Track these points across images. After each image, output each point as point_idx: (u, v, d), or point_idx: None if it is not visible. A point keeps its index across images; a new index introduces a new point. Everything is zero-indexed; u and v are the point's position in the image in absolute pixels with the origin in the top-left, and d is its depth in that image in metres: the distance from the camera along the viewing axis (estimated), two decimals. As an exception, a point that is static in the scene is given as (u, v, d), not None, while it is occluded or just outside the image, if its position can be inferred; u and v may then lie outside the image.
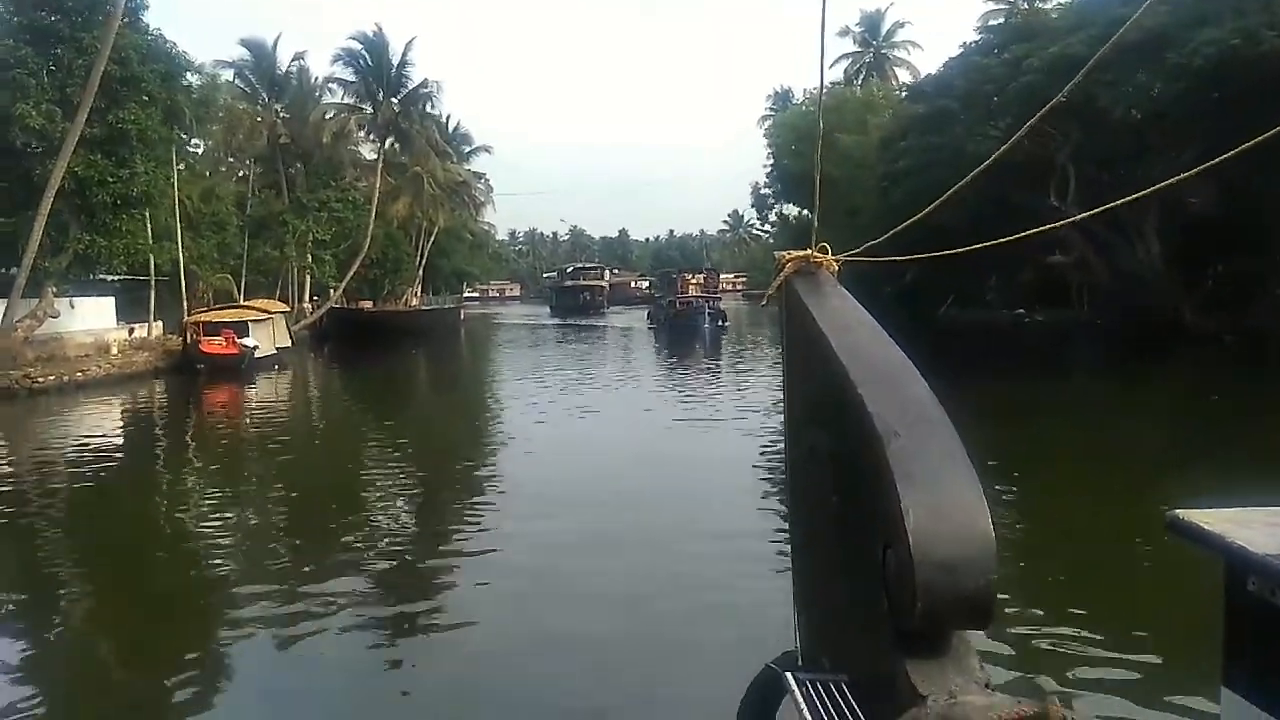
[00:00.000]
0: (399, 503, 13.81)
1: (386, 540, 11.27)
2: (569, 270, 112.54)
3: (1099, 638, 7.41)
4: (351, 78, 52.30)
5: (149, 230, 35.19)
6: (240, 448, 20.82)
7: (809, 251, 3.12)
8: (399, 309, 64.46)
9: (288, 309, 42.16)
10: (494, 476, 15.65)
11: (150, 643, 8.26)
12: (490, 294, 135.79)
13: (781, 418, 3.74)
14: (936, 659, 2.09)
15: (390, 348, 45.71)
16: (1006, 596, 7.44)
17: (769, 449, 15.51)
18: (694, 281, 63.02)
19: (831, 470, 2.72)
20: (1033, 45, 33.86)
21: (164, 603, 9.35)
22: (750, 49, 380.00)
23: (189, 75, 38.27)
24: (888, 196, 38.38)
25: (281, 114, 53.03)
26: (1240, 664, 2.49)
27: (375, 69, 51.70)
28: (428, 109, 53.86)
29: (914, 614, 2.01)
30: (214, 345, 33.36)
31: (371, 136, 54.68)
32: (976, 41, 37.65)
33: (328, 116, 51.07)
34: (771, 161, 60.67)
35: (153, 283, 37.10)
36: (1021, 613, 7.77)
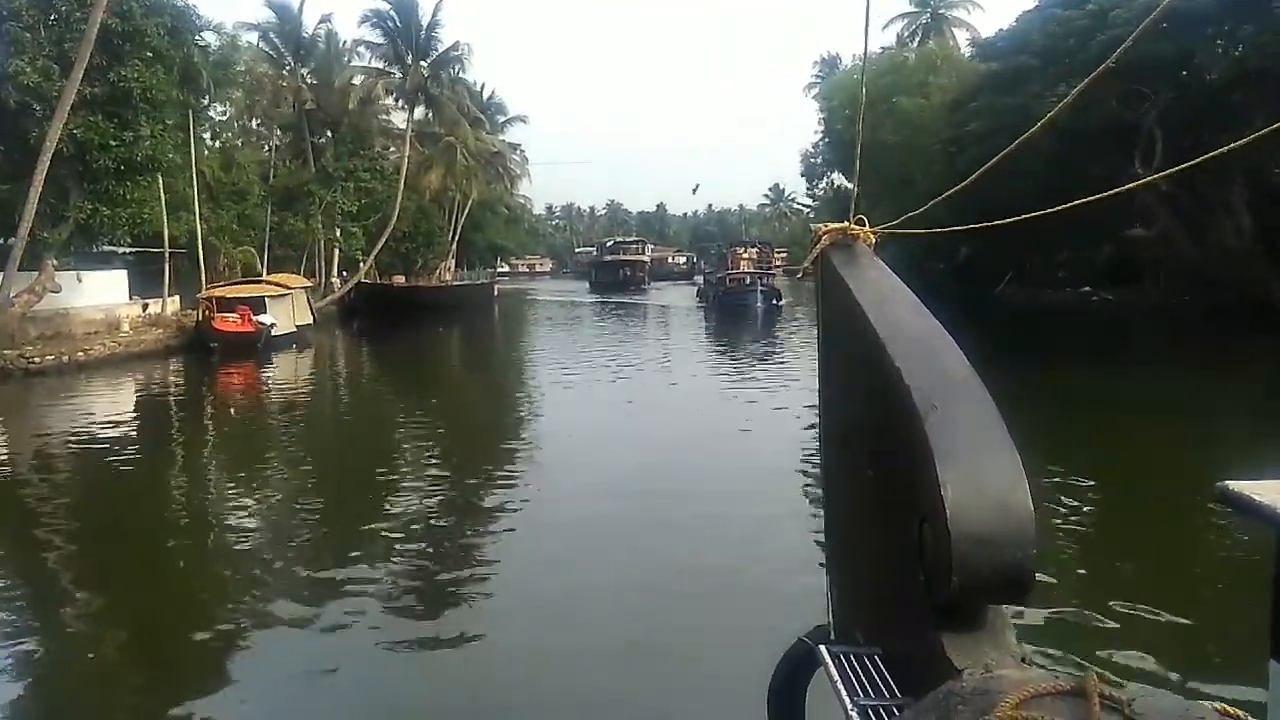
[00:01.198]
0: (419, 498, 12.34)
1: (408, 536, 10.49)
2: (608, 244, 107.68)
3: (1146, 612, 7.37)
4: (380, 40, 49.73)
5: (163, 199, 33.00)
6: (251, 434, 19.10)
7: (846, 224, 3.01)
8: (430, 284, 62.17)
9: (310, 284, 39.86)
10: (525, 474, 13.85)
11: (164, 634, 7.96)
12: (520, 270, 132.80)
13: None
14: (972, 633, 2.03)
15: (421, 325, 43.64)
16: (1049, 577, 7.37)
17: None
18: (746, 257, 58.27)
19: (867, 444, 2.69)
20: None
21: (172, 599, 8.96)
22: (794, 15, 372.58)
23: (205, 35, 35.94)
24: (954, 163, 35.26)
25: (308, 79, 50.61)
26: None
27: (404, 31, 49.02)
28: (459, 73, 51.14)
29: (950, 588, 1.94)
30: (228, 323, 31.14)
31: (400, 103, 52.08)
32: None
33: (354, 81, 48.56)
34: (823, 127, 57.37)
35: (167, 255, 34.90)
36: (1065, 587, 7.80)
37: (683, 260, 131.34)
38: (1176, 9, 28.72)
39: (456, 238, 69.67)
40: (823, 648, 2.47)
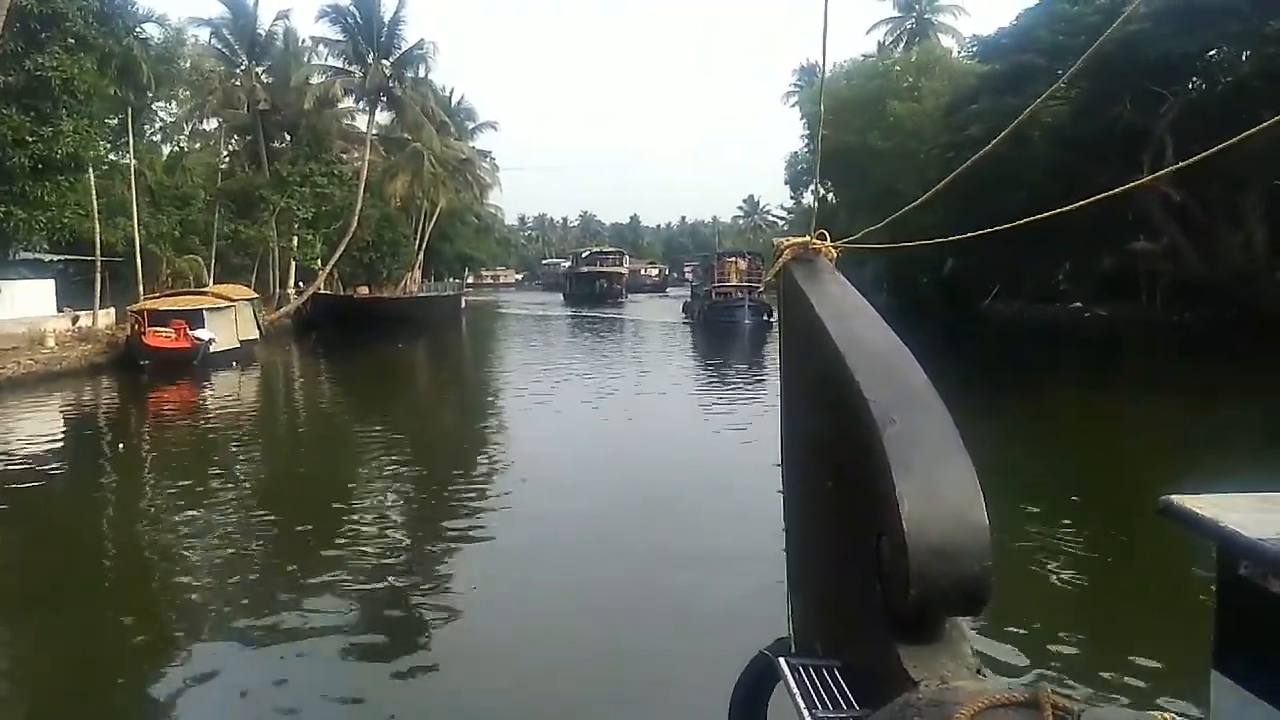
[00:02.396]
0: (366, 532, 11.17)
1: (354, 575, 9.53)
2: (584, 255, 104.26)
3: (1094, 623, 7.81)
4: (339, 36, 46.85)
5: (94, 202, 30.12)
6: (176, 463, 16.81)
7: (807, 238, 3.08)
8: (393, 296, 59.32)
9: (255, 295, 36.88)
10: (489, 514, 12.18)
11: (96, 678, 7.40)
12: (490, 281, 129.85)
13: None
14: (929, 645, 2.06)
15: (383, 339, 40.90)
16: (1004, 586, 5.20)
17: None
18: (735, 268, 52.78)
19: (827, 457, 2.71)
20: (1135, -11, 28.55)
21: (100, 640, 8.19)
22: (771, 23, 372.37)
23: (146, 27, 33.16)
24: (951, 169, 33.04)
25: (264, 78, 47.79)
26: (1231, 648, 2.57)
27: (365, 27, 46.20)
28: (423, 73, 48.27)
29: (907, 600, 1.97)
30: (160, 338, 28.22)
31: (362, 105, 49.20)
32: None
33: (312, 80, 45.67)
34: (806, 135, 55.04)
35: (98, 264, 31.93)
36: (1018, 599, 7.77)
37: (655, 272, 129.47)
38: (1199, 5, 26.63)
39: (423, 247, 66.82)
40: (782, 660, 2.48)
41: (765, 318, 43.82)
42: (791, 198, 68.79)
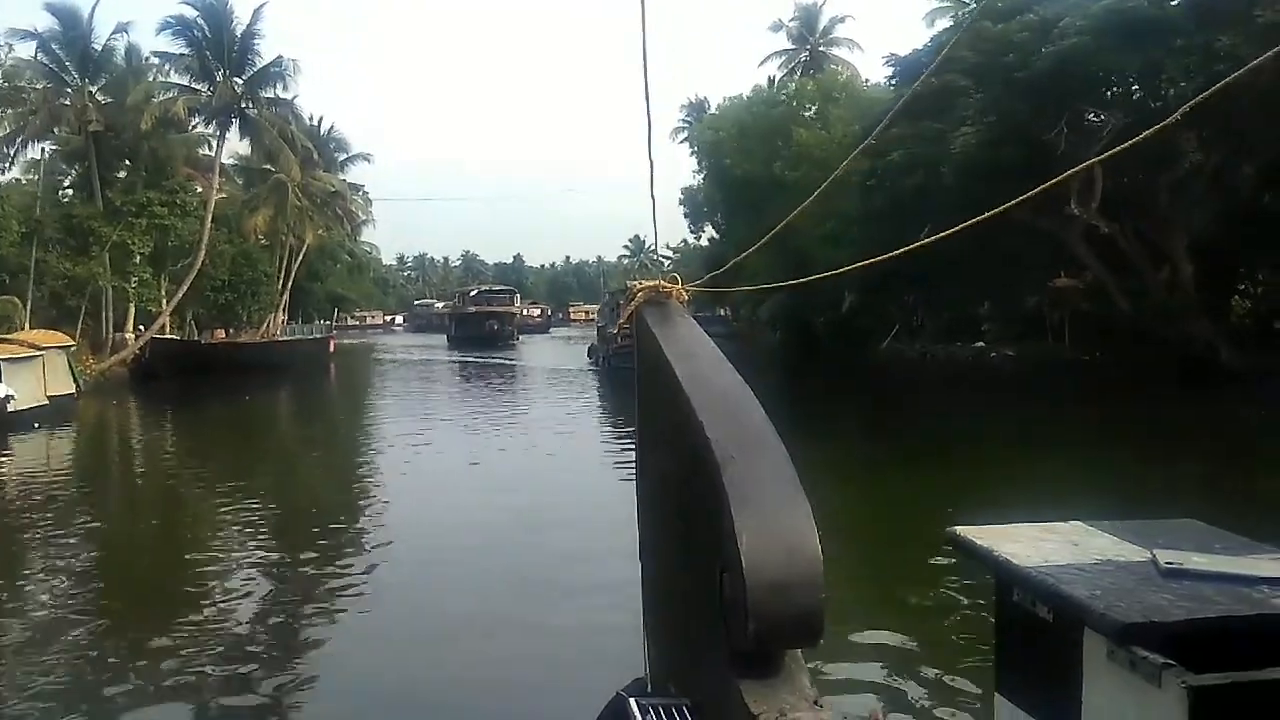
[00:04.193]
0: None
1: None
2: (472, 293, 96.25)
3: (909, 652, 7.92)
4: (184, 50, 41.73)
5: None
6: None
7: (658, 281, 3.16)
8: (247, 340, 54.04)
9: (70, 342, 31.50)
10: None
11: None
12: (366, 323, 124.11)
13: None
14: (769, 679, 2.09)
15: (234, 389, 36.19)
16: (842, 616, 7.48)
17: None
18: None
19: (675, 495, 2.77)
20: (1066, 5, 26.23)
21: None
22: (655, 65, 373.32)
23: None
24: (870, 199, 30.14)
25: (98, 96, 42.33)
26: (1010, 671, 2.82)
27: (214, 41, 41.27)
28: (281, 91, 43.41)
29: (747, 634, 2.01)
30: (-64, 397, 23.07)
31: (212, 127, 44.12)
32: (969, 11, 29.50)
33: (153, 99, 40.46)
34: (706, 166, 51.94)
35: None
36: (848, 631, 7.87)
37: (538, 312, 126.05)
38: (1142, 17, 24.35)
39: (289, 287, 61.54)
40: (633, 701, 2.49)
41: None
42: (693, 230, 65.77)
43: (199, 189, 46.30)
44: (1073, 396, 31.27)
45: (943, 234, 3.40)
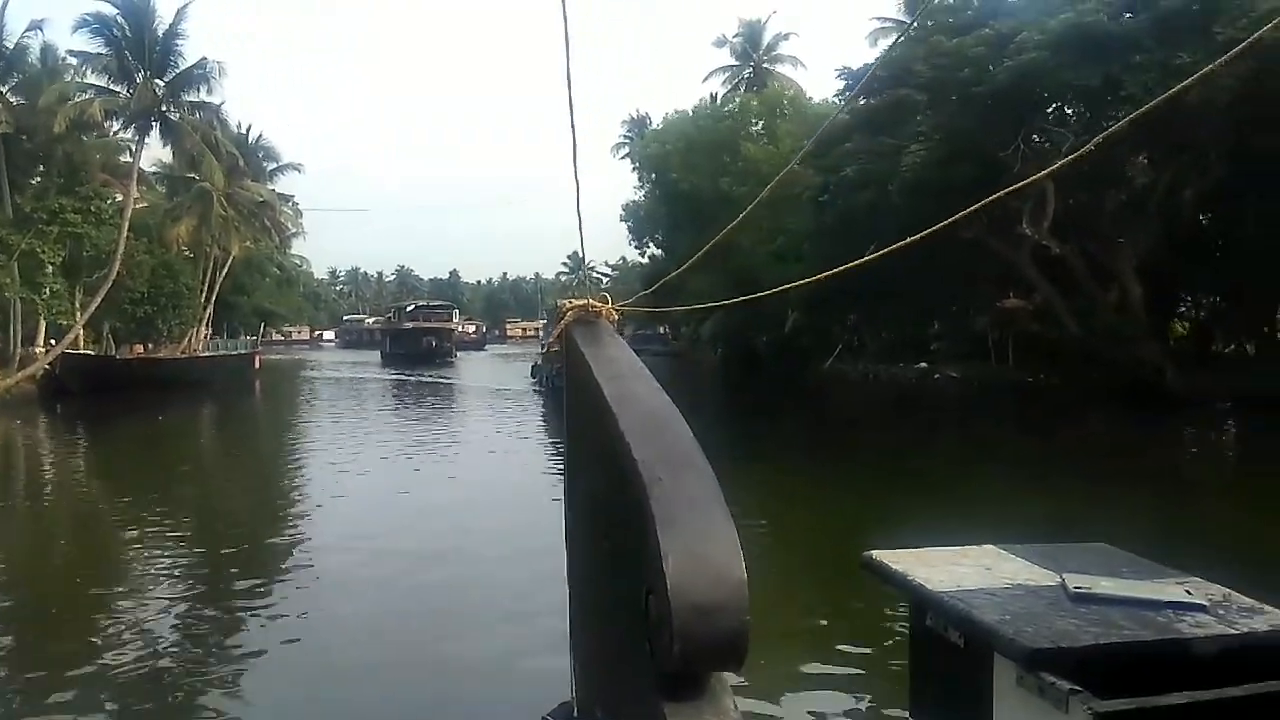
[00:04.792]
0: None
1: None
2: (408, 309, 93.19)
3: (826, 677, 7.99)
4: (102, 49, 39.49)
5: None
6: None
7: (587, 300, 3.15)
8: (167, 356, 51.76)
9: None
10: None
11: None
12: (296, 338, 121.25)
13: None
14: (693, 702, 2.08)
15: (149, 407, 34.27)
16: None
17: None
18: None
19: (603, 516, 2.74)
20: (1022, 21, 25.66)
21: None
22: (594, 79, 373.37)
23: None
24: (823, 215, 29.30)
25: (9, 97, 39.98)
26: (923, 696, 2.84)
27: (134, 41, 39.14)
28: (205, 94, 41.25)
29: (672, 657, 1.98)
30: None
31: (131, 131, 41.86)
32: (928, 24, 28.88)
33: (68, 101, 38.24)
34: (651, 181, 50.89)
35: None
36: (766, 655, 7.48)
37: (473, 329, 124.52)
38: (1097, 28, 23.86)
39: (213, 301, 59.11)
40: None
41: None
42: (636, 245, 64.76)
43: (117, 196, 44.07)
44: (1014, 418, 31.09)
45: (886, 250, 3.39)
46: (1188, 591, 2.94)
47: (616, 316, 3.13)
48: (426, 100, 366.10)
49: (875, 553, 2.97)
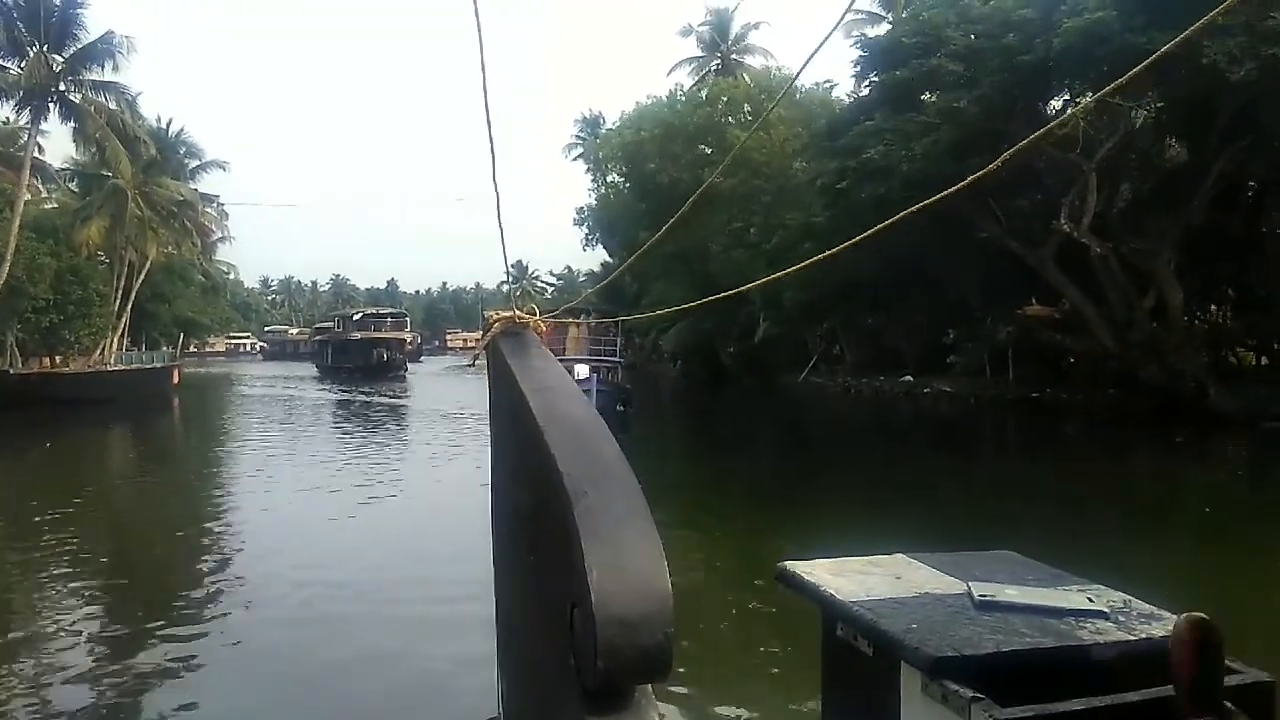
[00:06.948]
0: None
1: None
2: (355, 317, 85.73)
3: (745, 687, 7.90)
4: (-9, 21, 34.45)
5: None
6: None
7: (514, 312, 3.11)
8: (73, 370, 46.60)
9: None
10: None
11: None
12: (222, 350, 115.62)
13: None
14: (619, 713, 2.07)
15: (46, 428, 30.31)
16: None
17: None
18: (572, 335, 31.41)
19: (528, 529, 2.72)
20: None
21: None
22: (534, 81, 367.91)
23: None
24: (837, 204, 25.28)
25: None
26: (834, 704, 2.87)
27: (28, 10, 34.11)
28: (110, 72, 36.15)
29: (596, 670, 1.97)
30: None
31: (26, 116, 36.67)
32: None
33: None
34: (606, 181, 46.84)
35: None
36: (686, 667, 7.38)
37: (408, 338, 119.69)
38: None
39: (128, 308, 53.64)
40: None
41: (622, 406, 27.54)
42: (586, 247, 60.81)
43: (35, 190, 38.84)
44: (1048, 447, 27.01)
45: (891, 220, 3.29)
46: (1089, 599, 2.99)
47: (544, 328, 3.08)
48: (369, 113, 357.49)
49: (789, 563, 2.96)
